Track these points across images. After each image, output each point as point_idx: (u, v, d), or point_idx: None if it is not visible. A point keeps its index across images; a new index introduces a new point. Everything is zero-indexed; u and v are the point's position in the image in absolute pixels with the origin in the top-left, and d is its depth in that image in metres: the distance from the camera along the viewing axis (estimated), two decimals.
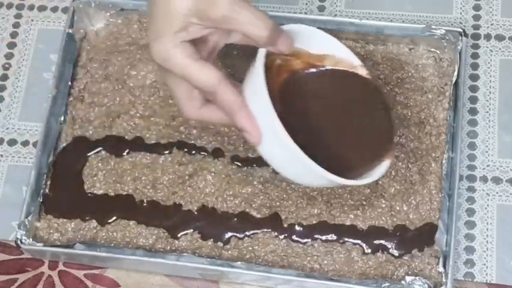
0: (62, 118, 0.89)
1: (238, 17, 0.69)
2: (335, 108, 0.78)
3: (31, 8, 0.96)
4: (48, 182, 0.86)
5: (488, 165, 0.86)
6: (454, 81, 0.86)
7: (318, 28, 0.79)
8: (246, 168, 0.85)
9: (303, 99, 0.77)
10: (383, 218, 0.83)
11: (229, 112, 0.72)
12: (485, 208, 0.85)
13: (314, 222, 0.83)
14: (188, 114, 0.76)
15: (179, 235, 0.83)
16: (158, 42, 0.71)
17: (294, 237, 0.83)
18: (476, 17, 0.92)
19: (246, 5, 0.70)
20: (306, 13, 0.94)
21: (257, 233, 0.83)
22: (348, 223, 0.83)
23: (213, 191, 0.85)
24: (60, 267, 0.85)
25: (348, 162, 0.76)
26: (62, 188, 0.86)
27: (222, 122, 0.76)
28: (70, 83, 0.90)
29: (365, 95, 0.80)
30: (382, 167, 0.77)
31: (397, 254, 0.82)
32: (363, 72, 0.80)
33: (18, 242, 0.83)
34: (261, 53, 0.72)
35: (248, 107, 0.72)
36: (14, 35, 0.95)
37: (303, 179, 0.76)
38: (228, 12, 0.69)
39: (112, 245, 0.83)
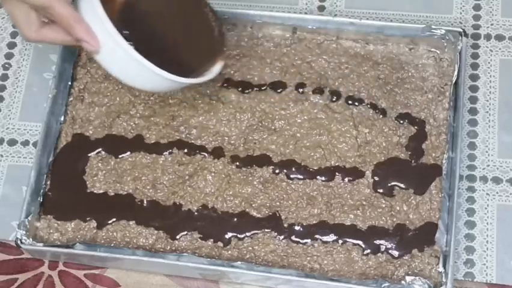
0: (62, 118, 0.89)
1: None
2: (170, 21, 0.83)
3: None
4: (48, 182, 0.86)
5: (488, 165, 0.86)
6: (453, 81, 0.86)
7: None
8: (246, 168, 0.85)
9: (140, 18, 0.82)
10: (383, 218, 0.83)
11: (67, 26, 0.77)
12: (485, 208, 0.85)
13: (314, 222, 0.83)
14: (28, 36, 0.79)
15: (179, 235, 0.83)
16: None
17: (294, 237, 0.83)
18: (476, 17, 0.93)
19: None
20: (306, 13, 0.94)
21: (257, 233, 0.83)
22: (348, 223, 0.83)
23: (213, 191, 0.85)
24: (60, 267, 0.85)
25: (187, 66, 0.82)
26: (62, 188, 0.86)
27: (64, 42, 0.80)
28: (70, 83, 0.90)
29: (196, 5, 0.85)
30: (216, 68, 0.83)
31: (397, 254, 0.82)
32: None
33: (18, 242, 0.83)
34: None
35: (84, 20, 0.77)
36: (14, 35, 0.95)
37: (144, 82, 0.80)
38: None
39: (112, 245, 0.83)
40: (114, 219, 0.84)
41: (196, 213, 0.84)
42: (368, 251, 0.82)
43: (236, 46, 0.90)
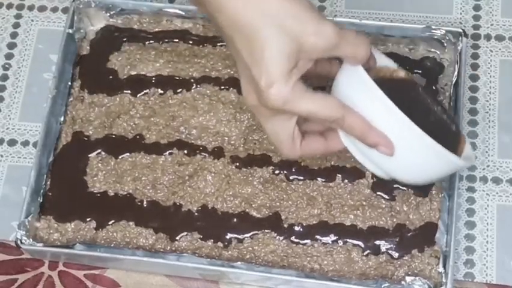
0: (62, 118, 0.89)
1: (345, 42, 0.69)
2: (409, 109, 0.74)
3: (31, 8, 0.96)
4: (48, 182, 0.86)
5: (488, 165, 0.86)
6: (454, 81, 0.86)
7: None
8: (246, 168, 0.85)
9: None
10: (383, 218, 0.83)
11: (360, 134, 0.71)
12: (485, 208, 0.85)
13: (314, 222, 0.83)
14: (292, 154, 0.74)
15: (179, 235, 0.83)
16: (275, 87, 0.68)
17: (294, 237, 0.83)
18: (476, 17, 0.93)
19: (345, 29, 0.70)
20: None
21: (257, 233, 0.83)
22: (348, 223, 0.83)
23: (213, 191, 0.85)
24: (60, 267, 0.85)
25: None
26: (62, 188, 0.86)
27: (321, 152, 0.76)
28: (69, 83, 0.90)
29: (422, 95, 0.79)
30: (467, 150, 0.78)
31: (397, 255, 0.82)
32: (403, 74, 0.79)
33: (18, 242, 0.83)
34: (362, 70, 0.71)
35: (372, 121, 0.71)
36: (14, 35, 0.95)
37: (432, 174, 0.75)
38: (336, 39, 0.68)
39: (112, 245, 0.83)
40: (114, 220, 0.84)
41: (196, 213, 0.84)
42: (368, 251, 0.82)
43: None
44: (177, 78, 0.89)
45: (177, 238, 0.83)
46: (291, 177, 0.85)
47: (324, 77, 0.77)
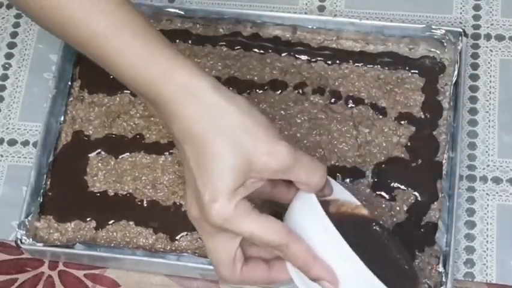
0: (62, 118, 0.89)
1: (299, 166, 0.66)
2: (363, 248, 0.70)
3: None
4: (48, 182, 0.86)
5: (488, 165, 0.86)
6: (454, 81, 0.86)
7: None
8: None
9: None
10: (383, 218, 0.83)
11: (303, 265, 0.67)
12: (485, 208, 0.85)
13: None
14: (230, 277, 0.70)
15: (179, 235, 0.83)
16: (217, 204, 0.65)
17: None
18: (476, 17, 0.92)
19: (301, 152, 0.67)
20: (306, 13, 0.94)
21: None
22: None
23: None
24: (60, 267, 0.85)
25: None
26: (62, 188, 0.86)
27: (262, 281, 0.70)
28: (69, 82, 0.90)
29: (381, 236, 0.76)
30: None
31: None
32: (365, 212, 0.76)
33: (18, 242, 0.83)
34: (314, 198, 0.68)
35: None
36: (14, 35, 0.95)
37: None
38: (290, 162, 0.66)
39: (112, 245, 0.83)
40: (114, 219, 0.84)
41: None
42: None
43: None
44: None
45: (177, 238, 0.83)
46: None
47: (281, 202, 0.73)
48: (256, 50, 0.90)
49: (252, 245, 0.70)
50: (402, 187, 0.84)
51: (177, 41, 0.91)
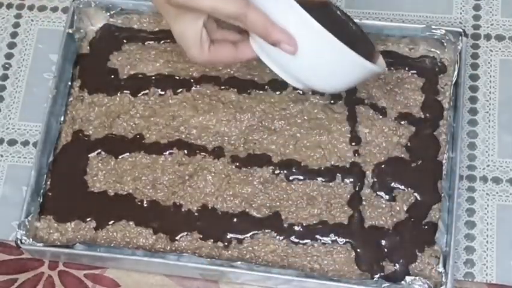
0: (62, 118, 0.89)
1: None
2: (321, 19, 0.75)
3: (31, 8, 0.96)
4: (48, 182, 0.86)
5: (488, 165, 0.86)
6: (454, 81, 0.86)
7: None
8: (246, 168, 0.85)
9: None
10: (383, 218, 0.83)
11: (262, 31, 0.72)
12: (485, 208, 0.85)
13: (314, 222, 0.83)
14: (199, 58, 0.76)
15: (179, 235, 0.83)
16: None
17: (294, 237, 0.83)
18: (476, 17, 0.93)
19: None
20: None
21: (257, 233, 0.83)
22: (348, 223, 0.83)
23: (213, 191, 0.85)
24: (60, 267, 0.85)
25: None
26: (62, 188, 0.86)
27: (230, 60, 0.77)
28: (69, 82, 0.91)
29: (338, 14, 0.81)
30: (380, 61, 0.80)
31: (397, 254, 0.82)
32: None
33: (18, 242, 0.83)
34: None
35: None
36: (14, 35, 0.95)
37: (339, 79, 0.76)
38: None
39: (112, 245, 0.83)
40: (114, 220, 0.84)
41: (196, 213, 0.84)
42: None
43: None
44: (177, 78, 0.89)
45: (177, 238, 0.83)
46: (291, 177, 0.85)
47: None
48: None
49: (217, 29, 0.77)
50: (402, 187, 0.84)
51: None
